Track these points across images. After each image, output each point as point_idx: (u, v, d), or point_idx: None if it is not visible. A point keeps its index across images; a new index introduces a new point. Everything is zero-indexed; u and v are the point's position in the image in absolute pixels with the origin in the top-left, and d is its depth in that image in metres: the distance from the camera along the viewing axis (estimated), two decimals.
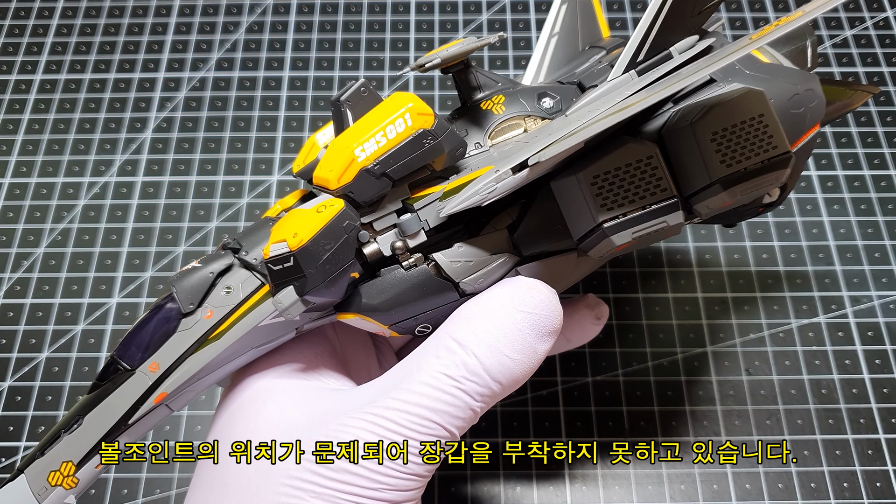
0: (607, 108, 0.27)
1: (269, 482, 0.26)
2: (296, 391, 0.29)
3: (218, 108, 0.56)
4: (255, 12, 0.61)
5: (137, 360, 0.28)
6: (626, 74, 0.30)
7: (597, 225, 0.28)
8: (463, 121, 0.32)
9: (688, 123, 0.28)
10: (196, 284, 0.29)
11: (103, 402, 0.28)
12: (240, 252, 0.30)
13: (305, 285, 0.27)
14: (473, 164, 0.30)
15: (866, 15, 0.59)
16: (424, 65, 0.30)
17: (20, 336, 0.47)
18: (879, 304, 0.47)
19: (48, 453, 0.28)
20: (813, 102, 0.32)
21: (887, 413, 0.44)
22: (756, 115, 0.28)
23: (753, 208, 0.32)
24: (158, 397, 0.29)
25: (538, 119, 0.32)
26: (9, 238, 0.51)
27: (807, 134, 0.32)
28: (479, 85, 0.33)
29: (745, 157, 0.28)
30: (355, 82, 0.30)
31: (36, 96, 0.57)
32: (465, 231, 0.29)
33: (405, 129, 0.28)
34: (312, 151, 0.33)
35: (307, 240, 0.26)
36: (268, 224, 0.31)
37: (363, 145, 0.28)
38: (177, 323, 0.29)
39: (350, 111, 0.29)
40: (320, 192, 0.30)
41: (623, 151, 0.28)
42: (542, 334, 0.27)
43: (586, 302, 0.38)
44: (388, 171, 0.28)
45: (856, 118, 0.54)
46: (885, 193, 0.51)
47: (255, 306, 0.29)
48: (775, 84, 0.31)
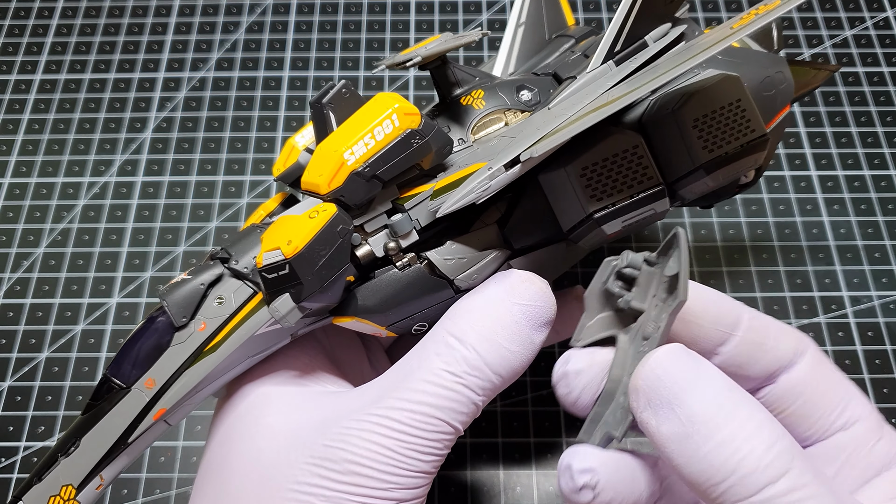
0: (590, 99, 0.28)
1: (275, 488, 0.26)
2: (295, 397, 0.29)
3: (218, 108, 0.56)
4: (255, 12, 0.61)
5: (132, 377, 0.28)
6: (605, 65, 0.30)
7: (587, 216, 0.28)
8: (444, 117, 0.32)
9: (669, 111, 0.29)
10: (187, 297, 0.29)
11: (100, 422, 0.28)
12: (229, 261, 0.30)
13: (302, 292, 0.27)
14: (459, 161, 0.30)
15: (866, 15, 0.59)
16: (404, 62, 0.30)
17: (20, 336, 0.47)
18: (879, 304, 0.47)
19: (46, 478, 0.27)
20: (783, 84, 0.33)
21: (888, 413, 0.44)
22: (734, 101, 0.29)
23: (730, 189, 0.33)
24: (157, 413, 0.28)
25: (518, 112, 0.32)
26: (9, 238, 0.51)
27: (779, 115, 0.33)
28: (458, 80, 0.33)
29: (726, 141, 0.29)
30: (335, 83, 0.30)
31: (36, 96, 0.57)
32: (455, 228, 0.29)
33: (393, 130, 0.28)
34: (293, 154, 0.32)
35: (302, 246, 0.26)
36: (255, 231, 0.31)
37: (352, 148, 0.27)
38: (170, 337, 0.28)
39: (333, 113, 0.29)
40: (305, 196, 0.29)
41: (610, 142, 0.28)
42: (538, 325, 0.28)
43: (575, 294, 0.38)
44: (378, 172, 0.28)
45: (856, 118, 0.54)
46: (886, 193, 0.51)
47: (250, 315, 0.29)
48: (747, 68, 0.32)
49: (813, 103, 0.55)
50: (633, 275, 0.26)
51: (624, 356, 0.26)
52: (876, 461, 0.25)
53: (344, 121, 0.29)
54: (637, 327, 0.26)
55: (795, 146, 0.53)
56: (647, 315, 0.25)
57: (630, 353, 0.25)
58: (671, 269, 0.25)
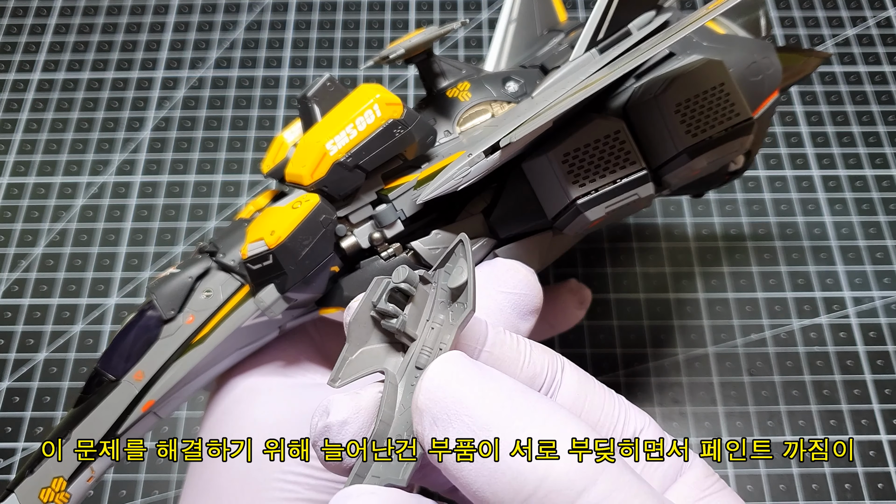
0: (572, 87, 0.27)
1: (261, 479, 0.26)
2: (282, 389, 0.29)
3: (216, 108, 0.56)
4: (254, 11, 0.60)
5: (121, 369, 0.28)
6: (588, 53, 0.30)
7: (570, 202, 0.28)
8: (430, 110, 0.32)
9: (651, 97, 0.29)
10: (175, 290, 0.29)
11: (90, 414, 0.28)
12: (217, 255, 0.30)
13: (286, 282, 0.27)
14: (444, 152, 0.30)
15: (868, 14, 0.58)
16: (388, 56, 0.30)
17: (18, 336, 0.47)
18: (881, 304, 0.47)
19: (37, 470, 0.27)
20: (770, 70, 0.33)
21: (889, 414, 0.43)
22: (717, 85, 0.29)
23: (720, 177, 0.33)
24: (146, 405, 0.28)
25: (504, 104, 0.32)
26: (7, 238, 0.51)
27: (767, 100, 0.33)
28: (443, 73, 0.33)
29: (710, 125, 0.29)
30: (321, 77, 0.30)
31: (34, 96, 0.56)
32: (441, 218, 0.29)
33: (375, 120, 0.28)
34: (281, 150, 0.33)
35: (285, 237, 0.26)
36: (242, 225, 0.31)
37: (334, 139, 0.28)
38: (158, 330, 0.29)
39: (317, 106, 0.29)
40: (292, 189, 0.29)
41: (591, 128, 0.28)
42: (524, 313, 0.27)
43: (569, 287, 0.38)
44: (361, 162, 0.28)
45: (858, 118, 0.54)
46: (888, 193, 0.51)
47: (237, 307, 0.29)
48: (733, 54, 0.32)
49: (815, 102, 0.55)
50: (410, 292, 0.21)
51: (393, 392, 0.21)
52: (671, 471, 0.21)
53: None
54: (409, 358, 0.21)
55: (797, 146, 0.53)
56: (421, 342, 0.21)
57: (402, 386, 0.21)
58: (455, 279, 0.21)
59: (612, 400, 0.22)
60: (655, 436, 0.22)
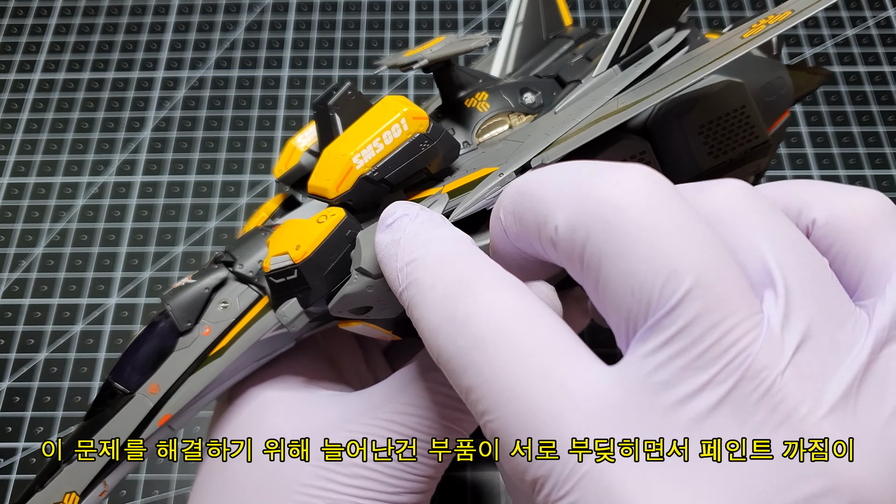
0: (597, 105, 0.27)
1: (279, 489, 0.26)
2: (298, 400, 0.29)
3: (217, 108, 0.56)
4: (254, 11, 0.60)
5: (135, 382, 0.27)
6: (610, 70, 0.30)
7: None
8: (448, 120, 0.32)
9: (675, 117, 0.29)
10: (191, 301, 0.28)
11: (104, 427, 0.27)
12: (233, 265, 0.29)
13: (310, 297, 0.26)
14: (466, 165, 0.30)
15: (868, 14, 0.58)
16: (408, 64, 0.30)
17: (18, 336, 0.47)
18: None
19: (48, 485, 0.27)
20: (783, 90, 0.33)
21: None
22: (739, 107, 0.29)
23: None
24: (162, 419, 0.28)
25: (521, 115, 0.32)
26: (7, 238, 0.51)
27: (779, 119, 0.33)
28: (462, 83, 0.32)
29: (731, 147, 0.29)
30: (339, 85, 0.29)
31: (34, 96, 0.56)
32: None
33: (402, 135, 0.27)
34: (294, 155, 0.32)
35: (311, 251, 0.26)
36: (259, 234, 0.30)
37: (360, 153, 0.27)
38: (174, 341, 0.28)
39: (339, 116, 0.29)
40: (307, 198, 0.29)
41: (617, 148, 0.28)
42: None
43: (574, 295, 0.38)
44: (387, 177, 0.27)
45: (858, 118, 0.54)
46: (888, 193, 0.51)
47: (256, 320, 0.29)
48: (749, 74, 0.32)
49: (814, 103, 0.55)
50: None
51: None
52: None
53: (349, 123, 0.29)
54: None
55: (797, 146, 0.53)
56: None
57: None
58: None
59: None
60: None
